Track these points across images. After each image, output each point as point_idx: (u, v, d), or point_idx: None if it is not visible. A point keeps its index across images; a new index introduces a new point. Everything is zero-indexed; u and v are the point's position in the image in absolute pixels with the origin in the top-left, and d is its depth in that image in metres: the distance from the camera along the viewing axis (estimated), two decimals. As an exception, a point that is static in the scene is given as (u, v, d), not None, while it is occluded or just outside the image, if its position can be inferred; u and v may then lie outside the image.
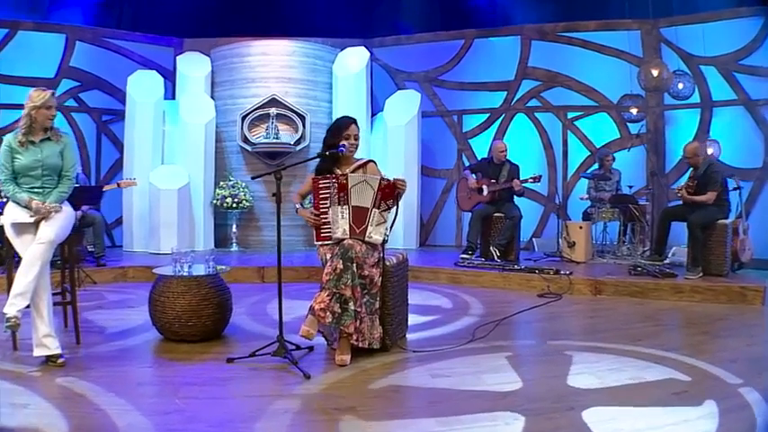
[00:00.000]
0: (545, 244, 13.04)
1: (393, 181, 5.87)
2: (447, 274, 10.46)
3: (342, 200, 5.87)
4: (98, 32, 13.69)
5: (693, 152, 9.79)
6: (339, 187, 5.86)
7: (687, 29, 12.59)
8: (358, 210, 5.87)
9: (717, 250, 9.62)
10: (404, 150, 13.35)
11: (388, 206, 5.92)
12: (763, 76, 11.88)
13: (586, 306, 8.59)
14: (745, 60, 12.07)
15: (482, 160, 11.95)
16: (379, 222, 5.89)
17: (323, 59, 13.65)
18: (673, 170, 12.99)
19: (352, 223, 5.86)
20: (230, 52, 13.44)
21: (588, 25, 13.38)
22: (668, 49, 12.80)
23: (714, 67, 12.34)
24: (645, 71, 11.06)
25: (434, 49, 14.47)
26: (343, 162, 6.19)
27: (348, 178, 5.87)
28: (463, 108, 14.28)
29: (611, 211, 11.55)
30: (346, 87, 13.44)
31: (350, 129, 6.16)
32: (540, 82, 13.70)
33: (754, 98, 11.99)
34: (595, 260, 11.33)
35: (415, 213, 13.59)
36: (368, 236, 5.86)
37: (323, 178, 5.96)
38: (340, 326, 5.56)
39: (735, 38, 12.12)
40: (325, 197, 5.92)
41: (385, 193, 5.88)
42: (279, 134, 12.89)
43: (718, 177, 9.57)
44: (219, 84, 13.58)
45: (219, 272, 6.67)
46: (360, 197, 5.86)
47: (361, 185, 5.87)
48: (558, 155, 13.70)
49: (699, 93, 12.34)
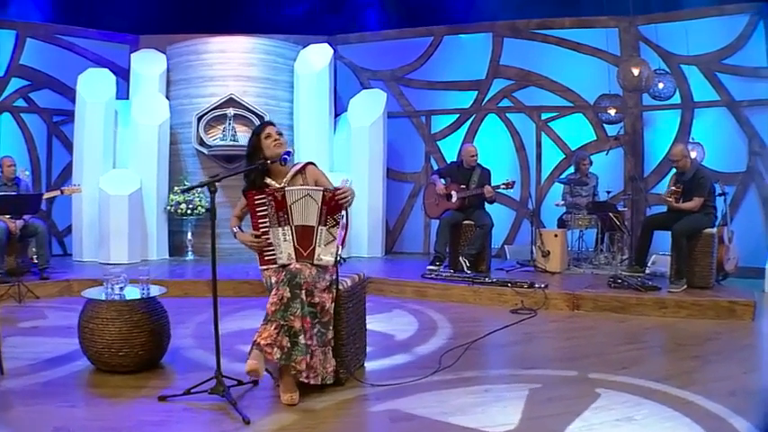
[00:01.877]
0: (518, 251, 12.44)
1: (333, 192, 5.10)
2: (413, 288, 9.75)
3: (282, 220, 5.13)
4: (51, 29, 13.00)
5: (681, 154, 9.18)
6: (276, 205, 5.11)
7: (668, 26, 12.09)
8: (302, 229, 5.13)
9: (702, 261, 9.03)
10: (368, 153, 12.77)
11: (336, 221, 5.14)
12: (748, 76, 11.46)
13: (564, 324, 7.92)
14: (729, 60, 11.63)
15: (451, 164, 11.29)
16: (328, 241, 5.15)
17: (284, 57, 13.03)
18: (652, 174, 12.45)
19: (298, 245, 5.14)
20: (187, 49, 12.79)
21: (563, 22, 12.86)
22: (647, 48, 12.29)
23: (696, 66, 11.89)
24: (624, 70, 10.41)
25: (401, 46, 13.88)
26: (275, 171, 5.44)
27: (286, 194, 5.10)
28: (431, 108, 13.74)
29: (587, 218, 10.94)
30: (308, 86, 12.83)
31: (267, 129, 5.46)
32: (512, 81, 13.19)
33: (738, 99, 11.56)
34: (572, 270, 10.78)
35: (381, 219, 13.00)
36: (317, 258, 5.13)
37: (258, 193, 5.20)
38: (290, 362, 4.80)
39: (718, 36, 11.69)
40: (263, 214, 5.17)
41: (331, 207, 5.10)
42: (236, 136, 12.23)
43: (706, 183, 8.99)
44: (175, 82, 12.92)
45: (155, 294, 5.92)
46: (303, 214, 5.12)
47: (303, 201, 5.10)
48: (531, 158, 13.18)
49: (679, 93, 11.78)
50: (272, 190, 5.14)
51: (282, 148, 5.37)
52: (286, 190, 5.11)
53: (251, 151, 5.47)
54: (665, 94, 11.29)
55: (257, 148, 5.41)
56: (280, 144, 5.37)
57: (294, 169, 5.46)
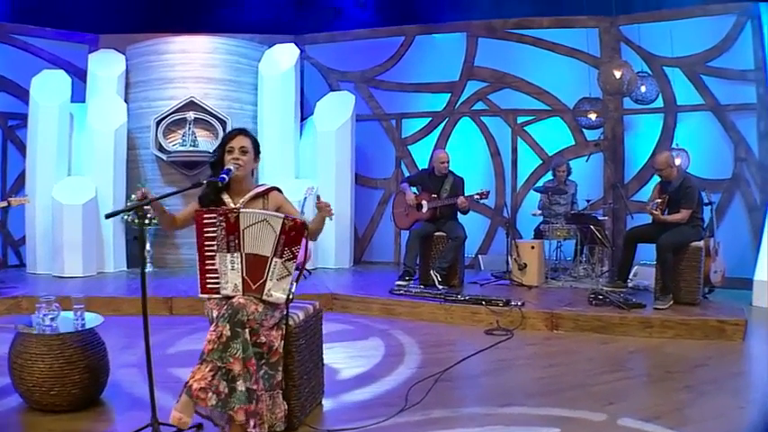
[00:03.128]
0: (492, 261, 11.95)
1: (295, 222, 4.43)
2: (380, 305, 9.09)
3: (232, 245, 4.45)
4: (5, 28, 12.30)
5: (666, 163, 8.67)
6: (228, 227, 4.43)
7: (650, 27, 11.61)
8: (254, 258, 4.45)
9: (689, 275, 8.57)
10: (335, 158, 12.16)
11: (293, 254, 4.46)
12: (734, 79, 11.04)
13: (542, 348, 7.33)
14: (714, 62, 11.21)
15: (422, 172, 10.75)
16: (281, 275, 4.45)
17: (248, 58, 12.42)
18: (633, 180, 11.96)
19: (246, 276, 4.45)
20: (147, 49, 12.15)
21: (541, 22, 12.33)
22: (629, 49, 11.80)
23: (679, 68, 11.44)
24: (606, 72, 9.81)
25: (372, 46, 13.28)
26: (234, 188, 4.79)
27: (240, 216, 4.43)
28: (402, 111, 13.19)
29: (566, 228, 10.43)
30: (273, 88, 12.24)
31: (234, 140, 4.77)
32: (487, 83, 12.68)
33: (723, 103, 11.15)
34: (549, 283, 10.26)
35: (349, 227, 12.43)
36: (266, 293, 4.42)
37: (207, 211, 4.53)
38: (227, 410, 4.09)
39: (703, 37, 11.28)
40: (210, 237, 4.48)
41: (290, 238, 4.42)
42: (197, 141, 11.66)
43: (694, 193, 8.50)
44: (134, 84, 12.26)
45: (92, 325, 5.24)
46: (256, 242, 4.44)
47: (259, 227, 4.43)
48: (506, 163, 12.67)
49: (662, 96, 11.28)
50: (225, 210, 4.49)
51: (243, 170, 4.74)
52: (241, 212, 4.45)
53: (214, 162, 4.84)
54: (647, 97, 10.77)
55: (219, 162, 4.78)
56: (239, 164, 4.70)
57: (256, 191, 4.82)
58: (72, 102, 11.65)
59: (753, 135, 10.95)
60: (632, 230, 9.20)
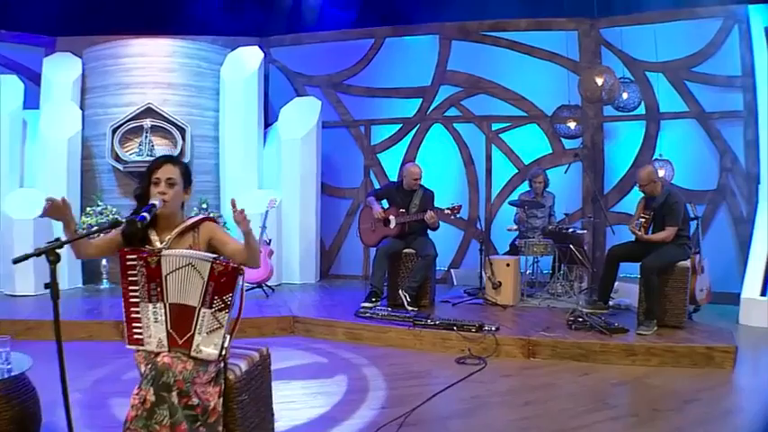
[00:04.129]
0: (465, 276, 11.41)
1: (226, 265, 3.77)
2: (345, 329, 8.47)
3: (154, 293, 3.80)
4: (-43, 31, 11.61)
5: (649, 178, 8.15)
6: (148, 273, 3.79)
7: (632, 30, 11.11)
8: (179, 309, 3.79)
9: (675, 297, 8.01)
10: (300, 167, 11.61)
11: (225, 303, 3.79)
12: (720, 85, 10.64)
13: (518, 381, 6.72)
14: (699, 67, 10.81)
15: (390, 185, 10.17)
16: (212, 328, 3.79)
17: (209, 61, 11.79)
18: (613, 191, 11.48)
19: (171, 330, 3.79)
20: (104, 53, 11.49)
21: (518, 23, 11.84)
22: (609, 53, 11.33)
23: (663, 74, 10.99)
24: (586, 79, 9.26)
25: (340, 49, 12.71)
26: (161, 223, 4.10)
27: (162, 260, 3.78)
28: (371, 117, 12.56)
29: (543, 243, 9.92)
30: (235, 94, 11.64)
31: (160, 170, 4.08)
32: (460, 88, 12.10)
33: (709, 111, 10.74)
34: (525, 302, 9.69)
35: (314, 241, 11.86)
36: (195, 349, 3.77)
37: (131, 251, 3.86)
38: None
39: (687, 42, 10.84)
40: (133, 281, 3.84)
41: (220, 284, 3.75)
42: (154, 150, 11.04)
43: (679, 210, 7.98)
44: (91, 90, 11.60)
45: (20, 370, 4.54)
46: (181, 290, 3.78)
47: (184, 272, 3.77)
48: (480, 172, 12.12)
49: (644, 103, 10.78)
50: (144, 252, 3.82)
51: (168, 206, 4.04)
52: (162, 255, 3.80)
53: (140, 193, 4.16)
54: (629, 104, 10.23)
55: (145, 194, 4.10)
56: (164, 200, 4.01)
57: (186, 224, 4.11)
58: (27, 108, 11.16)
59: (739, 144, 10.57)
60: (614, 249, 8.64)
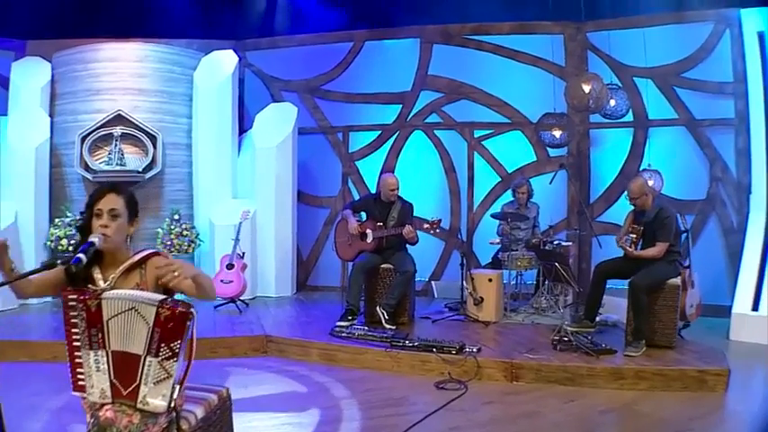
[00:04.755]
0: (446, 288, 11.05)
1: (173, 308, 3.32)
2: (320, 350, 8.07)
3: (95, 340, 3.37)
4: None
5: (640, 191, 7.85)
6: (89, 318, 3.35)
7: (620, 34, 10.82)
8: (122, 357, 3.36)
9: (665, 316, 7.72)
10: (275, 176, 11.21)
11: (173, 351, 3.34)
12: (710, 92, 10.36)
13: (500, 408, 6.37)
14: (689, 73, 10.51)
15: (367, 197, 9.89)
16: (159, 378, 3.34)
17: (182, 66, 11.37)
18: (599, 200, 11.18)
19: (115, 380, 3.37)
20: (74, 57, 11.03)
21: (501, 27, 11.49)
22: (596, 58, 11.02)
23: (651, 79, 10.69)
24: (573, 86, 8.90)
25: (317, 52, 12.30)
26: (107, 259, 3.65)
27: (102, 304, 3.34)
28: (350, 124, 12.15)
29: (527, 257, 9.58)
30: (208, 100, 11.26)
31: (102, 201, 3.61)
32: (441, 93, 11.72)
33: (699, 118, 10.46)
34: (508, 318, 9.33)
35: (290, 252, 11.49)
36: (141, 401, 3.33)
37: (73, 290, 3.43)
38: None
39: (677, 46, 10.57)
40: (75, 323, 3.40)
41: (168, 330, 3.31)
42: (124, 159, 10.65)
43: (671, 225, 7.69)
44: (61, 96, 11.13)
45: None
46: (124, 336, 3.35)
47: (127, 317, 3.34)
48: (462, 181, 11.74)
49: (632, 110, 10.42)
50: (85, 294, 3.39)
51: (111, 242, 3.59)
52: (103, 298, 3.35)
53: (82, 225, 3.69)
54: (617, 112, 9.89)
55: (87, 226, 3.65)
56: (106, 235, 3.57)
57: (132, 260, 3.65)
58: (-3, 115, 10.69)
59: (730, 152, 10.31)
60: (601, 266, 8.34)
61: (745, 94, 9.95)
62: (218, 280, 9.75)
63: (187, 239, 10.67)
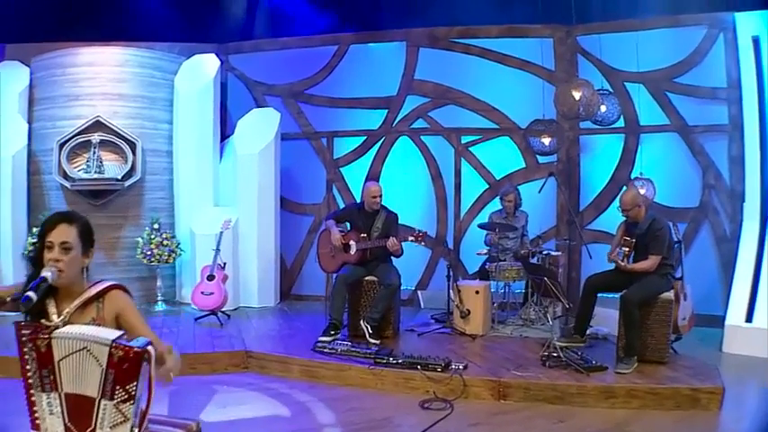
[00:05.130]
0: (433, 298, 10.82)
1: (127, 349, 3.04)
2: (302, 367, 7.79)
3: (47, 381, 3.09)
4: None
5: (633, 202, 7.64)
6: (39, 358, 3.08)
7: (611, 38, 10.55)
8: (76, 400, 3.09)
9: (657, 331, 7.53)
10: (257, 184, 10.91)
11: (129, 394, 3.05)
12: (703, 97, 10.12)
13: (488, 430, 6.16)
14: (682, 78, 10.27)
15: (350, 206, 9.64)
16: (116, 422, 3.06)
17: (163, 70, 11.15)
18: (589, 207, 10.91)
19: (69, 423, 3.10)
20: (53, 62, 10.79)
21: (489, 30, 11.18)
22: (587, 62, 10.74)
23: (643, 84, 10.44)
24: (563, 93, 8.67)
25: (302, 56, 11.99)
26: (62, 292, 3.38)
27: (53, 343, 3.06)
28: (334, 129, 11.85)
29: (515, 268, 9.37)
30: (189, 105, 11.04)
31: (53, 233, 3.32)
32: (428, 98, 11.42)
33: (691, 124, 10.21)
34: (496, 331, 9.13)
35: (273, 262, 11.19)
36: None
37: (26, 325, 3.16)
38: None
39: (670, 51, 10.33)
40: (27, 359, 3.12)
41: (123, 372, 3.02)
42: (102, 167, 10.40)
43: (664, 237, 7.50)
44: (39, 101, 10.90)
45: None
46: (77, 378, 3.08)
47: (79, 357, 3.05)
48: (449, 188, 11.45)
49: (623, 115, 10.17)
50: (37, 330, 3.11)
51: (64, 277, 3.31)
52: (53, 337, 3.07)
53: (33, 257, 3.41)
54: (608, 118, 9.64)
55: (38, 258, 3.35)
56: (59, 269, 3.28)
57: (88, 294, 3.39)
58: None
59: (723, 160, 10.08)
60: (592, 279, 8.14)
61: (739, 99, 9.73)
62: (198, 291, 9.53)
63: (167, 249, 10.44)
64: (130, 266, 10.66)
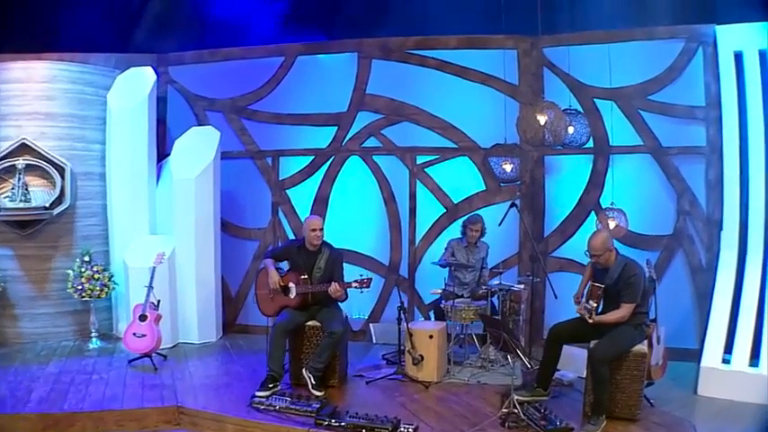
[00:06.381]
0: (386, 331, 10.09)
1: None
2: (236, 426, 7.08)
3: None
4: None
5: (603, 246, 6.96)
6: None
7: (581, 50, 9.87)
8: None
9: (628, 387, 6.91)
10: (194, 210, 10.12)
11: None
12: (680, 116, 9.49)
13: None
14: (657, 95, 9.63)
15: (289, 244, 8.83)
16: None
17: (95, 86, 10.36)
18: (554, 233, 10.22)
19: None
20: (-21, 78, 10.02)
21: (447, 41, 10.41)
22: (553, 76, 10.05)
23: (614, 102, 9.76)
24: (526, 119, 7.98)
25: (245, 68, 11.19)
26: None
27: None
28: (280, 148, 11.08)
29: (473, 309, 8.72)
30: (122, 124, 10.25)
31: None
32: (381, 115, 10.70)
33: (666, 145, 9.59)
34: (452, 377, 8.42)
35: (214, 293, 10.43)
36: None
37: None
38: None
39: (644, 66, 9.68)
40: None
41: None
42: (29, 194, 9.71)
43: (638, 284, 6.82)
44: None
45: None
46: None
47: None
48: (403, 211, 10.72)
49: (593, 134, 9.54)
50: None
51: None
52: None
53: None
54: (576, 141, 9.00)
55: None
56: None
57: None
58: None
59: (700, 184, 9.48)
60: (557, 329, 7.45)
61: (719, 120, 9.11)
62: (130, 333, 8.80)
63: (99, 283, 9.70)
64: (62, 300, 9.93)
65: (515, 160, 9.43)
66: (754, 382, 7.59)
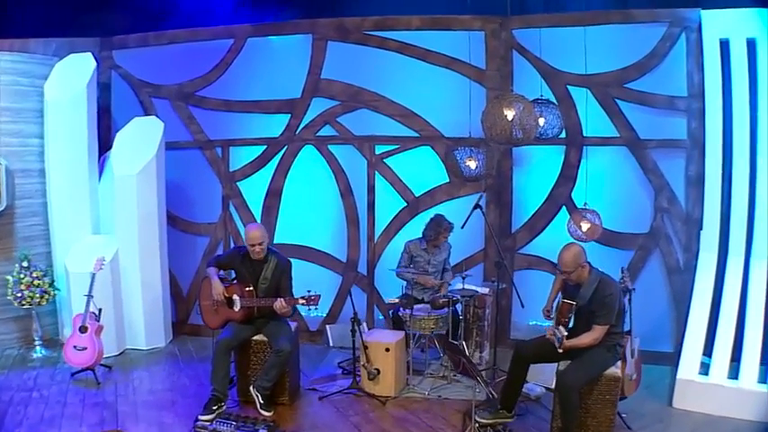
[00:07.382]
0: (343, 334, 9.40)
1: None
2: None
3: None
4: None
5: (576, 262, 6.44)
6: None
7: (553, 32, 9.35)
8: None
9: (600, 413, 6.49)
10: (137, 208, 9.57)
11: None
12: (659, 107, 9.07)
13: None
14: (635, 84, 9.16)
15: (233, 252, 8.23)
16: None
17: (30, 75, 9.75)
18: (522, 229, 9.77)
19: None
20: None
21: (409, 21, 9.88)
22: (523, 60, 9.55)
23: (588, 89, 9.31)
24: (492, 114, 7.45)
25: (192, 51, 10.58)
26: None
27: None
28: (230, 137, 10.51)
29: (433, 318, 8.25)
30: (61, 115, 9.62)
31: None
32: (337, 101, 10.13)
33: (644, 137, 9.16)
34: (410, 391, 7.95)
35: (161, 295, 9.93)
36: None
37: None
38: None
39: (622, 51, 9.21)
40: None
41: None
42: None
43: (612, 304, 6.35)
44: None
45: None
46: None
47: None
48: (361, 205, 10.24)
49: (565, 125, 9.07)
50: None
51: None
52: None
53: None
54: (547, 133, 8.53)
55: None
56: None
57: None
58: None
59: (679, 180, 9.10)
60: (523, 348, 6.96)
61: (701, 112, 8.73)
62: (71, 345, 8.27)
63: (39, 290, 9.16)
64: (3, 306, 9.41)
65: (481, 156, 8.88)
66: (733, 396, 7.28)
